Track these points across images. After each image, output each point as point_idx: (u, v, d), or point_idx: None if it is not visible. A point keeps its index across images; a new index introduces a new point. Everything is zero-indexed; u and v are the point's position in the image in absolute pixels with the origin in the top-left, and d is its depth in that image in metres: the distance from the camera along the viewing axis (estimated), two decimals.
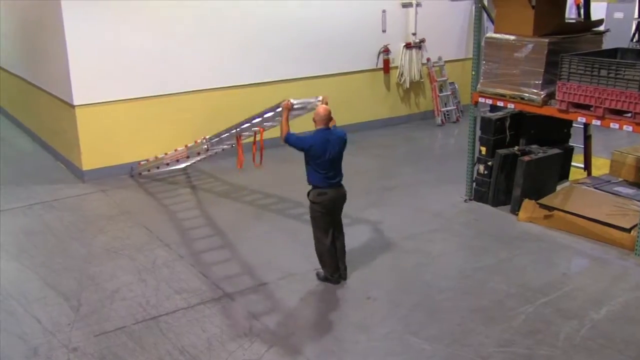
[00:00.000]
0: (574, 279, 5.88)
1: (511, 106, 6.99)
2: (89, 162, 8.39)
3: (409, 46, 10.75)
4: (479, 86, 7.21)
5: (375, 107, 10.83)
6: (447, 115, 11.39)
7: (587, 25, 7.30)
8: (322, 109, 5.51)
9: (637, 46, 11.04)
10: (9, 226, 7.12)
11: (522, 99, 6.77)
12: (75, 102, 8.13)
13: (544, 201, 7.01)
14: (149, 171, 8.61)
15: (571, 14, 11.36)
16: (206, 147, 7.63)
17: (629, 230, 6.31)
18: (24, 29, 9.76)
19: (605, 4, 11.26)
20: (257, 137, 6.55)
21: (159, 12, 8.45)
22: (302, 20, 9.63)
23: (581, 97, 6.18)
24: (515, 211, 7.14)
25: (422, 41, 10.86)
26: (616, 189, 7.11)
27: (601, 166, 8.12)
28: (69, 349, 4.85)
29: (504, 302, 5.40)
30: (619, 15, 11.69)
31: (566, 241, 6.55)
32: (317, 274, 5.83)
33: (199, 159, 8.55)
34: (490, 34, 7.14)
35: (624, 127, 5.97)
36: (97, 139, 8.35)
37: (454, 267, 6.10)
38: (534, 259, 6.19)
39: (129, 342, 4.92)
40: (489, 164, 7.37)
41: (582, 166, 8.04)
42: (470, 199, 7.61)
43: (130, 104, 8.48)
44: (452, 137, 10.77)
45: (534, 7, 6.63)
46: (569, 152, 7.73)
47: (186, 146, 8.00)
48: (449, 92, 11.37)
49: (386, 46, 10.53)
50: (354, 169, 8.80)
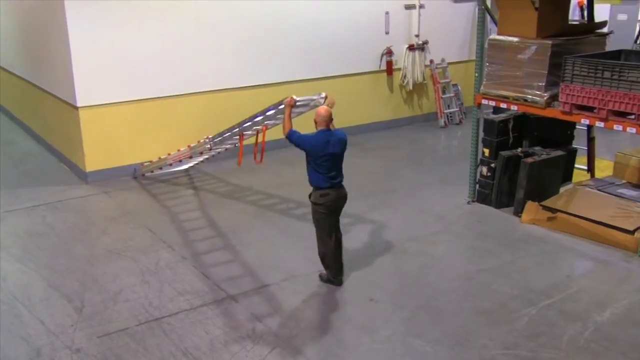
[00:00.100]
0: (577, 281, 5.86)
1: (514, 108, 6.98)
2: (92, 163, 8.41)
3: (412, 48, 10.75)
4: (482, 88, 7.21)
5: (378, 109, 10.83)
6: (450, 117, 11.38)
7: (590, 27, 7.30)
8: (323, 109, 5.50)
9: None
10: (12, 227, 7.13)
11: (525, 100, 6.77)
12: (78, 104, 8.15)
13: (547, 203, 7.00)
14: (152, 172, 8.63)
15: (574, 15, 11.37)
16: (209, 146, 7.64)
17: (632, 232, 6.30)
18: (28, 31, 9.79)
19: (608, 6, 11.24)
20: (260, 135, 6.55)
21: (162, 15, 8.46)
22: (305, 22, 9.63)
23: (584, 99, 6.17)
24: (518, 213, 7.13)
25: (425, 43, 10.86)
26: (620, 190, 7.09)
27: (604, 168, 8.11)
28: (72, 350, 4.86)
29: (507, 305, 5.39)
30: (622, 17, 11.68)
31: (569, 243, 6.53)
32: (320, 276, 5.82)
33: (201, 159, 8.56)
34: (493, 36, 7.14)
35: (628, 129, 5.96)
36: (100, 141, 8.37)
37: (457, 269, 6.09)
38: (537, 261, 6.18)
39: (132, 343, 4.93)
40: (492, 165, 7.36)
41: (586, 168, 8.02)
42: (473, 201, 7.60)
43: (133, 106, 8.50)
44: (455, 139, 10.76)
45: (537, 8, 6.63)
46: (572, 154, 7.72)
47: (189, 146, 8.01)
48: (452, 94, 11.36)
49: (389, 48, 10.53)
50: (357, 170, 8.82)
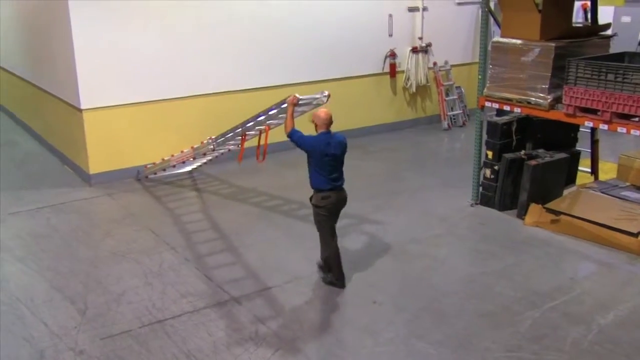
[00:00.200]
0: (581, 283, 5.84)
1: (518, 110, 6.97)
2: (95, 165, 8.43)
3: (415, 50, 10.75)
4: (485, 90, 7.20)
5: (381, 112, 10.83)
6: (454, 119, 11.37)
7: (594, 29, 7.29)
8: (322, 112, 5.51)
9: None
10: (16, 229, 7.14)
11: (529, 103, 6.76)
12: (82, 106, 8.17)
13: (551, 205, 6.99)
14: (155, 174, 8.64)
15: (578, 18, 11.34)
16: (212, 147, 7.65)
17: (636, 235, 6.28)
18: (32, 33, 9.82)
19: (612, 8, 11.22)
20: (262, 136, 6.54)
21: (166, 18, 8.48)
22: (308, 25, 9.64)
23: (588, 101, 6.16)
24: (521, 215, 7.12)
25: (429, 45, 10.86)
26: (623, 193, 7.07)
27: (608, 170, 8.09)
28: (75, 352, 4.86)
29: (510, 307, 5.38)
30: (626, 19, 11.66)
31: (573, 246, 6.52)
32: (323, 278, 5.82)
33: (204, 160, 8.57)
34: (496, 38, 7.14)
35: (632, 131, 5.94)
36: (103, 143, 8.38)
37: (460, 271, 6.08)
38: (541, 264, 6.17)
39: (135, 345, 4.93)
40: (496, 168, 7.35)
41: (589, 170, 8.00)
42: (476, 203, 7.59)
43: (137, 108, 8.51)
44: (458, 142, 10.75)
45: (540, 11, 6.62)
46: (575, 157, 7.70)
47: (192, 148, 8.01)
48: (456, 96, 11.36)
49: (392, 50, 10.53)
50: (360, 173, 8.81)
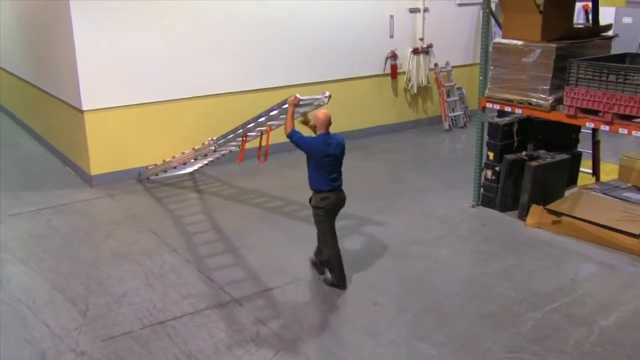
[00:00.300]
0: (582, 285, 5.84)
1: (519, 111, 6.96)
2: (97, 166, 8.43)
3: (416, 51, 10.74)
4: (486, 91, 7.20)
5: (382, 113, 10.82)
6: (455, 120, 11.37)
7: (595, 30, 7.29)
8: (321, 113, 5.51)
9: None
10: (17, 230, 7.15)
11: (530, 104, 6.76)
12: (84, 107, 8.17)
13: (552, 207, 6.98)
14: (156, 175, 8.64)
15: (579, 19, 11.34)
16: (213, 148, 7.65)
17: (638, 236, 6.27)
18: (33, 34, 9.83)
19: (613, 9, 11.21)
20: (264, 137, 6.55)
21: (167, 19, 8.48)
22: (309, 25, 9.65)
23: (589, 102, 6.15)
24: (523, 217, 7.11)
25: (430, 46, 10.86)
26: (625, 194, 7.06)
27: (610, 171, 8.08)
28: (77, 353, 4.86)
29: (512, 308, 5.38)
30: (627, 20, 11.65)
31: (574, 247, 6.51)
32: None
33: (206, 162, 8.57)
34: (497, 39, 7.13)
35: (633, 132, 5.93)
36: (105, 144, 8.39)
37: (461, 272, 6.08)
38: (542, 265, 6.16)
39: (136, 346, 4.93)
40: (497, 169, 7.35)
41: (591, 171, 8.00)
42: (477, 205, 7.59)
43: (138, 109, 8.52)
44: (459, 143, 10.75)
45: (541, 12, 6.62)
46: (577, 158, 7.69)
47: (193, 149, 8.01)
48: (457, 98, 11.35)
49: (393, 51, 10.53)
50: (362, 174, 8.82)
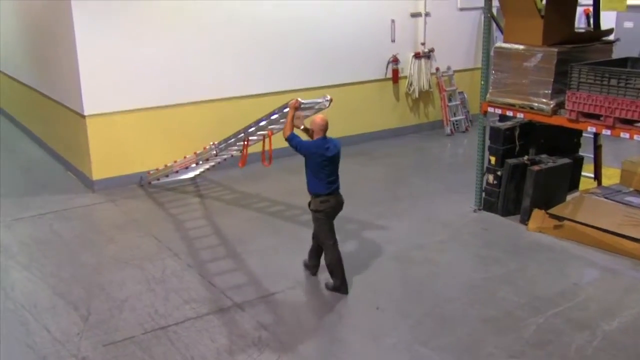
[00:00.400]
0: (585, 289, 5.83)
1: (520, 116, 6.97)
2: (99, 171, 8.44)
3: (418, 56, 10.75)
4: (488, 96, 7.20)
5: (384, 117, 10.83)
6: (457, 124, 11.37)
7: (596, 34, 7.29)
8: (319, 118, 5.53)
9: None
10: (19, 235, 7.15)
11: (532, 108, 6.76)
12: (85, 112, 8.19)
13: (554, 211, 6.98)
14: (158, 180, 8.64)
15: (580, 23, 11.36)
16: (215, 152, 7.65)
17: None
18: (35, 39, 9.85)
19: (614, 14, 11.23)
20: (266, 140, 6.55)
21: (169, 24, 8.50)
22: (310, 30, 9.66)
23: (591, 106, 6.15)
24: (524, 221, 7.10)
25: (431, 51, 10.87)
26: (627, 199, 7.05)
27: (611, 176, 8.07)
28: (78, 358, 4.86)
29: (514, 313, 5.37)
30: (629, 24, 11.67)
31: (577, 251, 6.50)
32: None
33: (207, 167, 8.57)
34: (499, 44, 7.14)
35: (635, 136, 5.93)
36: (107, 149, 8.40)
37: (463, 277, 6.07)
38: (544, 269, 6.16)
39: (138, 352, 4.92)
40: (499, 173, 7.34)
41: (592, 176, 7.99)
42: (479, 209, 7.58)
43: (140, 114, 8.53)
44: (461, 147, 10.75)
45: (543, 16, 6.63)
46: (579, 162, 7.69)
47: (195, 153, 8.02)
48: (458, 102, 11.36)
49: (395, 56, 10.54)
50: (364, 178, 8.82)
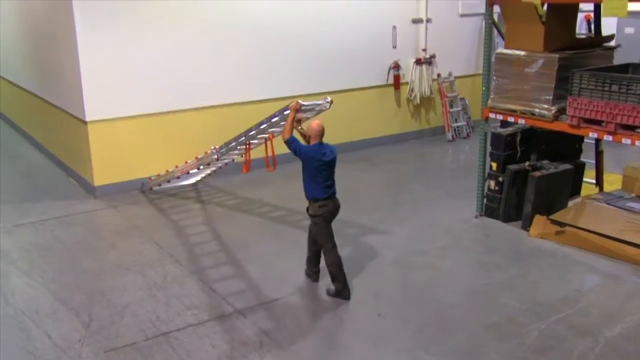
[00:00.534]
0: (587, 295, 5.82)
1: (522, 121, 6.97)
2: (100, 177, 8.44)
3: (419, 62, 10.77)
4: (489, 102, 7.20)
5: (385, 123, 10.83)
6: (458, 131, 11.37)
7: (597, 40, 7.30)
8: (315, 124, 5.54)
9: None
10: (21, 241, 7.15)
11: (533, 114, 6.76)
12: (87, 118, 8.20)
13: (556, 217, 6.97)
14: (159, 186, 8.64)
15: (581, 29, 11.37)
16: (216, 157, 7.66)
17: None
18: (36, 44, 9.88)
19: (615, 19, 11.24)
20: (268, 143, 6.56)
21: (171, 31, 8.52)
22: (312, 36, 9.68)
23: (592, 112, 6.16)
24: (526, 227, 7.10)
25: (433, 57, 10.88)
26: (629, 204, 7.04)
27: (613, 182, 8.06)
28: None
29: (515, 319, 5.36)
30: (629, 30, 11.67)
31: (578, 257, 6.49)
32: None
33: (209, 172, 8.57)
34: (500, 50, 7.15)
35: (636, 142, 5.93)
36: (108, 155, 8.41)
37: (465, 283, 6.06)
38: (546, 275, 6.14)
39: (139, 358, 4.91)
40: (500, 179, 7.34)
41: (594, 182, 7.99)
42: (481, 215, 7.58)
43: (142, 120, 8.54)
44: (462, 153, 10.75)
45: (544, 22, 6.63)
46: (580, 168, 7.69)
47: (196, 158, 8.02)
48: (460, 108, 11.36)
49: (396, 62, 10.56)
50: (365, 184, 8.82)
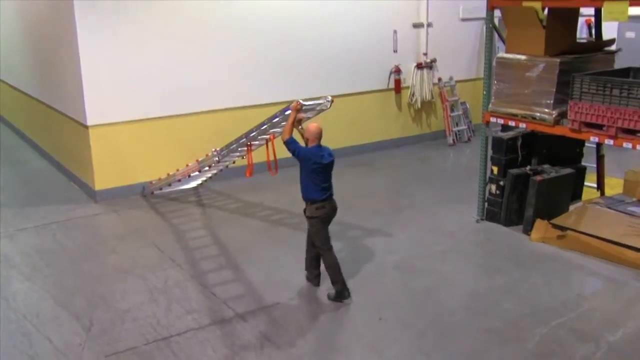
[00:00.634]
0: (588, 300, 5.80)
1: (523, 126, 6.97)
2: (101, 182, 8.45)
3: (420, 66, 10.78)
4: (490, 106, 7.21)
5: (386, 127, 10.84)
6: (459, 135, 11.38)
7: (598, 44, 7.31)
8: (313, 127, 5.56)
9: None
10: (22, 246, 7.16)
11: (534, 118, 6.76)
12: (88, 123, 8.22)
13: (557, 221, 6.96)
14: (161, 189, 8.65)
15: (582, 33, 11.38)
16: (217, 159, 7.66)
17: None
18: (38, 49, 9.90)
19: (616, 24, 11.25)
20: (269, 146, 6.56)
21: (172, 35, 8.54)
22: (313, 40, 9.70)
23: (593, 116, 6.16)
24: (527, 231, 7.09)
25: (433, 61, 10.89)
26: (630, 208, 7.04)
27: (614, 186, 8.06)
28: None
29: (517, 323, 5.35)
30: (630, 34, 11.70)
31: (580, 262, 6.48)
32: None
33: (210, 175, 8.56)
34: (501, 54, 7.16)
35: (638, 146, 5.93)
36: (109, 159, 8.41)
37: (466, 287, 6.05)
38: (548, 280, 6.13)
39: None
40: (501, 183, 7.34)
41: (595, 186, 7.98)
42: (482, 219, 7.57)
43: (143, 124, 8.55)
44: (463, 157, 10.75)
45: (545, 27, 6.65)
46: (581, 172, 7.68)
47: (197, 160, 8.03)
48: (461, 112, 11.36)
49: (397, 66, 10.57)
50: (366, 188, 8.82)
